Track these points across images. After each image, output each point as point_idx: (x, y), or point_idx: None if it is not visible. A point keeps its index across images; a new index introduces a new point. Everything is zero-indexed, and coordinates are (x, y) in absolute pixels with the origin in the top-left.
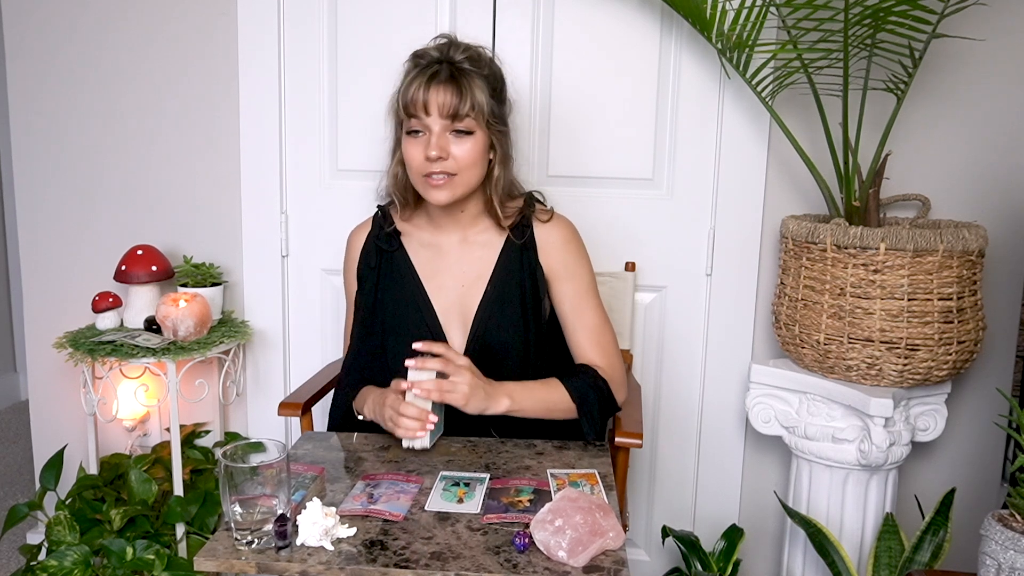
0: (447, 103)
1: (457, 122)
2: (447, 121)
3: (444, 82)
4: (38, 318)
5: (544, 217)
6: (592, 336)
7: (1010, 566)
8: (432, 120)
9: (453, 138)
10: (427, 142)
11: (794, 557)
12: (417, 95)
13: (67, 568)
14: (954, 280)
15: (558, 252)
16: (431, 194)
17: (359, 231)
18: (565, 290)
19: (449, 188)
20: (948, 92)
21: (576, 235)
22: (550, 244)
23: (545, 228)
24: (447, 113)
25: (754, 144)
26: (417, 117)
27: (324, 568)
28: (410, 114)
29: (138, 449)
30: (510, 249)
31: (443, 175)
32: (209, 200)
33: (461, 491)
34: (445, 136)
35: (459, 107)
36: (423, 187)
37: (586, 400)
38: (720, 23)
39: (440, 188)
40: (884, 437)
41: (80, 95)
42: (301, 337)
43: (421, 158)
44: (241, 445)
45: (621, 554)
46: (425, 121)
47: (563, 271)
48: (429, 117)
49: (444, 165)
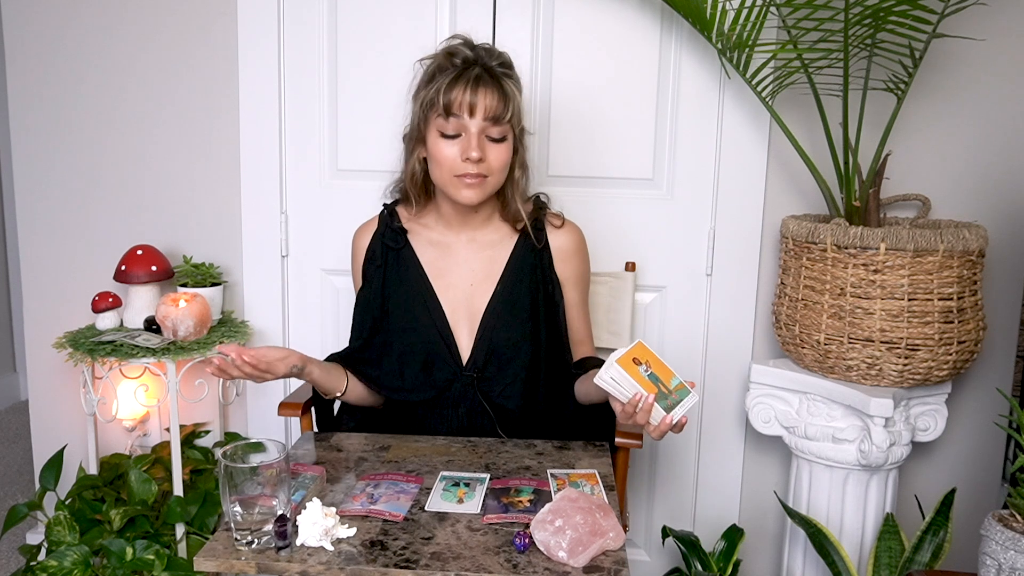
0: (492, 107)
1: (497, 125)
2: (487, 124)
3: (488, 83)
4: (38, 318)
5: (557, 223)
6: (588, 334)
7: (1010, 566)
8: (472, 122)
9: (488, 141)
10: (465, 143)
11: (794, 557)
12: (463, 96)
13: (67, 568)
14: (954, 280)
15: (572, 260)
16: (462, 193)
17: (364, 229)
18: (573, 295)
19: (480, 189)
20: (948, 92)
21: (585, 242)
22: (565, 252)
23: (558, 235)
24: (490, 116)
25: (754, 144)
26: (459, 117)
27: (324, 568)
28: (452, 114)
29: (138, 449)
30: (522, 251)
31: (478, 176)
32: (209, 200)
33: (461, 491)
34: (483, 138)
35: (503, 112)
36: (454, 186)
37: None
38: (720, 23)
39: (472, 188)
40: (884, 437)
41: (80, 95)
42: (301, 337)
43: (458, 158)
44: (241, 445)
45: (621, 554)
46: (465, 122)
47: (574, 277)
48: (472, 119)
49: (479, 167)
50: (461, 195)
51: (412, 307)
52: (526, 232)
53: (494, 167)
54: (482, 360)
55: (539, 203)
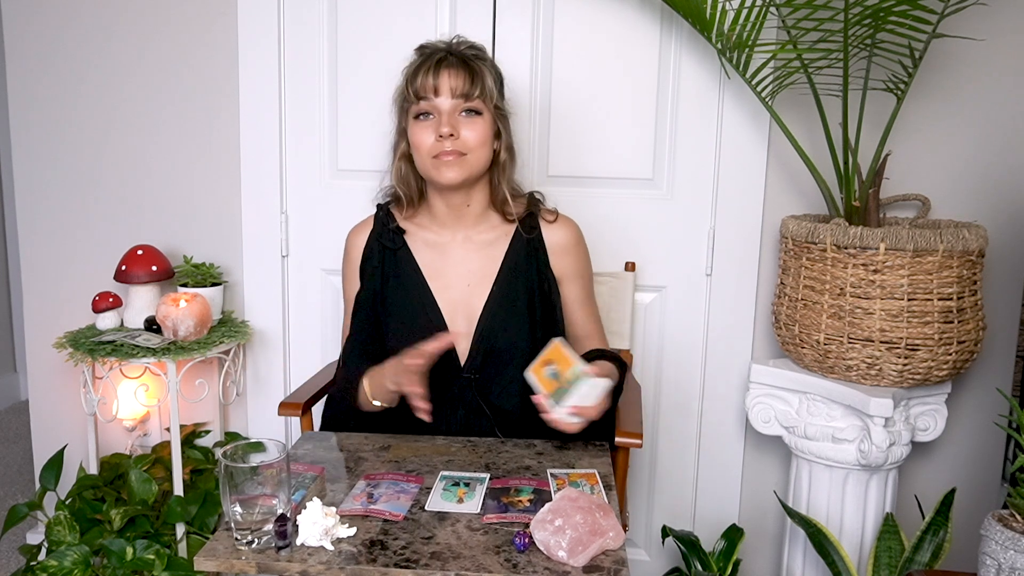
0: (458, 84)
1: (468, 102)
2: (458, 101)
3: (454, 66)
4: (38, 318)
5: (550, 217)
6: (597, 328)
7: (1010, 566)
8: (442, 100)
9: (463, 118)
10: (437, 123)
11: (794, 557)
12: (427, 79)
13: (67, 568)
14: (954, 280)
15: (568, 255)
16: (442, 172)
17: (359, 230)
18: (573, 290)
19: (459, 166)
20: (948, 92)
21: (581, 235)
22: (560, 247)
23: (552, 229)
24: (459, 93)
25: (754, 144)
26: (427, 99)
27: (324, 568)
28: (420, 97)
29: (138, 449)
30: (517, 248)
31: (454, 153)
32: (209, 200)
33: (461, 491)
34: (455, 116)
35: (470, 88)
36: (434, 168)
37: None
38: (720, 23)
39: (451, 167)
40: (884, 437)
41: (80, 95)
42: (301, 337)
43: (432, 139)
44: (241, 445)
45: (621, 554)
46: (435, 102)
47: (572, 273)
48: (439, 98)
49: (455, 144)
50: (442, 175)
51: (410, 308)
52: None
53: (470, 143)
54: (480, 361)
55: (532, 199)
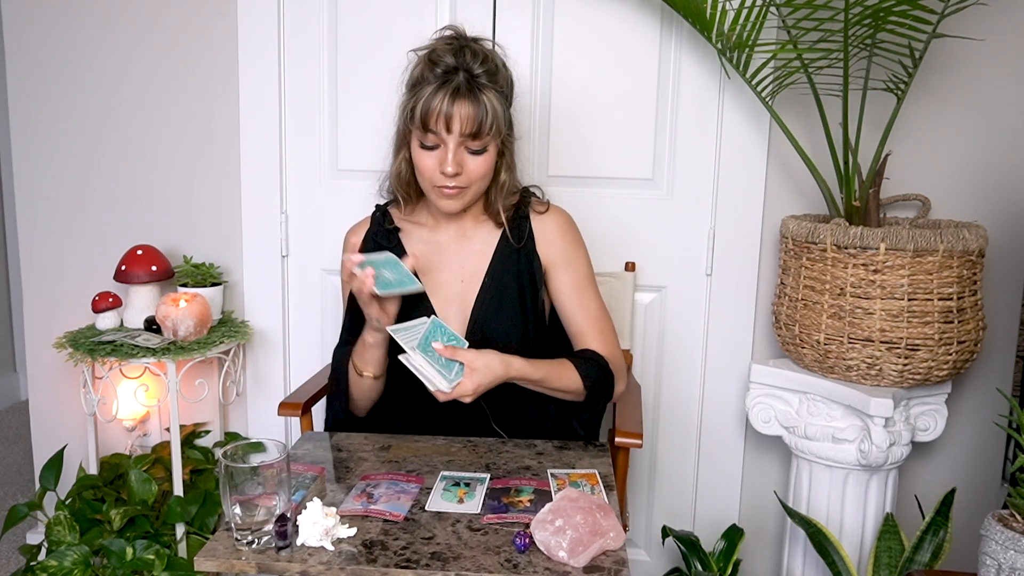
0: (469, 123)
1: (476, 141)
2: (465, 139)
3: (466, 97)
4: (38, 318)
5: (540, 209)
6: (595, 324)
7: (1010, 566)
8: (450, 137)
9: (467, 153)
10: (442, 156)
11: (794, 557)
12: (439, 109)
13: (67, 568)
14: (954, 280)
15: (555, 242)
16: (442, 203)
17: (356, 230)
18: (564, 279)
19: (460, 199)
20: (948, 92)
21: (573, 224)
22: (547, 234)
23: (542, 219)
24: (467, 131)
25: (754, 144)
26: (436, 132)
27: (324, 568)
28: (428, 128)
29: (138, 449)
30: (507, 242)
31: (456, 188)
32: (209, 200)
33: (461, 491)
34: (461, 151)
35: (480, 127)
36: (435, 195)
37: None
38: (720, 23)
39: (451, 199)
40: (884, 437)
41: (80, 95)
42: (301, 337)
43: (436, 171)
44: (241, 445)
45: (621, 554)
46: (443, 136)
47: (561, 260)
48: (450, 134)
49: (457, 180)
50: (441, 205)
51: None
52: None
53: (473, 177)
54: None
55: (525, 193)
